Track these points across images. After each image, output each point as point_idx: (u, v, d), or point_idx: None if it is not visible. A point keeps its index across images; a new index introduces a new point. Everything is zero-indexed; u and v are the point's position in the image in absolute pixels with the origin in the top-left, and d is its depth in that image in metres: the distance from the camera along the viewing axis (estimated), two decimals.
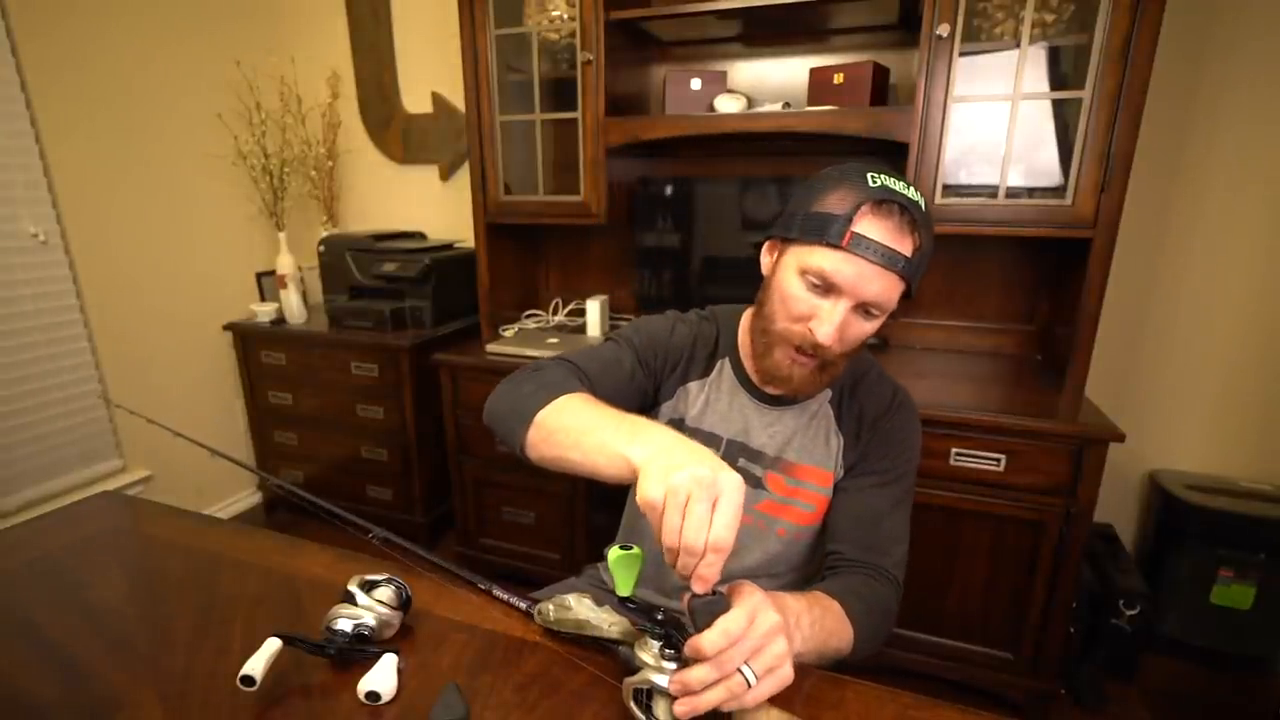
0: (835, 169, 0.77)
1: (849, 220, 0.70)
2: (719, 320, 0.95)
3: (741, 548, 0.89)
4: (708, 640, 0.51)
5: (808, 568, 0.92)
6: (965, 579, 1.54)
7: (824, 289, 0.74)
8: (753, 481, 0.89)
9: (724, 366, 0.92)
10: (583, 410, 0.70)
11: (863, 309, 0.74)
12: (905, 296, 0.77)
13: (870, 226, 0.70)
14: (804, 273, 0.75)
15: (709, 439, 0.91)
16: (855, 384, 0.90)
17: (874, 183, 0.71)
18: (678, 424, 0.93)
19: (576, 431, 0.68)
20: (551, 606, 0.71)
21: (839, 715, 0.61)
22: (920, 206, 0.72)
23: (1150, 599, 1.59)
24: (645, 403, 0.94)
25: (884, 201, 0.70)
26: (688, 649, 0.53)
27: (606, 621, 0.66)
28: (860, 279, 0.71)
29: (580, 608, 0.69)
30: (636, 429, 0.63)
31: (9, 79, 1.78)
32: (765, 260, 0.84)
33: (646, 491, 0.55)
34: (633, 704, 0.57)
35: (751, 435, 0.89)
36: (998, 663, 1.55)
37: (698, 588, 0.54)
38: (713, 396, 0.92)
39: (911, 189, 0.73)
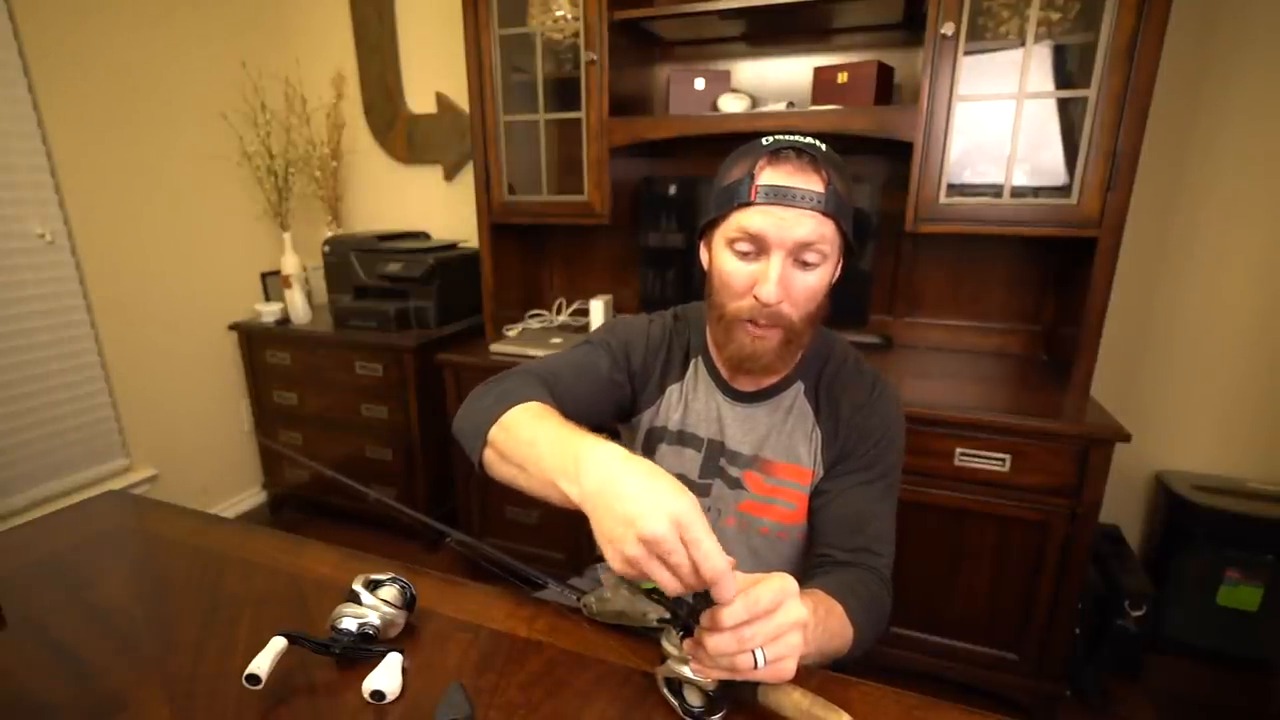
0: (737, 149, 0.80)
1: (752, 177, 0.74)
2: (689, 320, 0.96)
3: (730, 553, 0.88)
4: (726, 612, 0.51)
5: (794, 568, 0.90)
6: (970, 580, 1.53)
7: (755, 252, 0.76)
8: (731, 482, 0.89)
9: (697, 365, 0.93)
10: (532, 429, 0.68)
11: (799, 260, 0.75)
12: (849, 249, 0.80)
13: (773, 175, 0.74)
14: (731, 243, 0.77)
15: (691, 440, 0.91)
16: (833, 376, 0.89)
17: (767, 141, 0.76)
18: (660, 432, 0.93)
19: (524, 455, 0.66)
20: (594, 598, 0.73)
21: None
22: (819, 148, 0.75)
23: (1156, 600, 1.59)
24: (623, 405, 0.94)
25: (779, 150, 0.74)
26: (705, 620, 0.53)
27: (642, 611, 0.68)
28: (781, 226, 0.73)
29: (617, 598, 0.71)
30: (578, 457, 0.59)
31: (16, 80, 1.79)
32: (704, 256, 0.86)
33: (613, 564, 0.53)
34: (666, 691, 0.61)
35: (728, 434, 0.89)
36: (1003, 664, 1.55)
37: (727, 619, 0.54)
38: (690, 397, 0.92)
39: (809, 138, 0.76)
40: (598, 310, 1.99)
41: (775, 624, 0.52)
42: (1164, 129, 1.62)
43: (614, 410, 0.94)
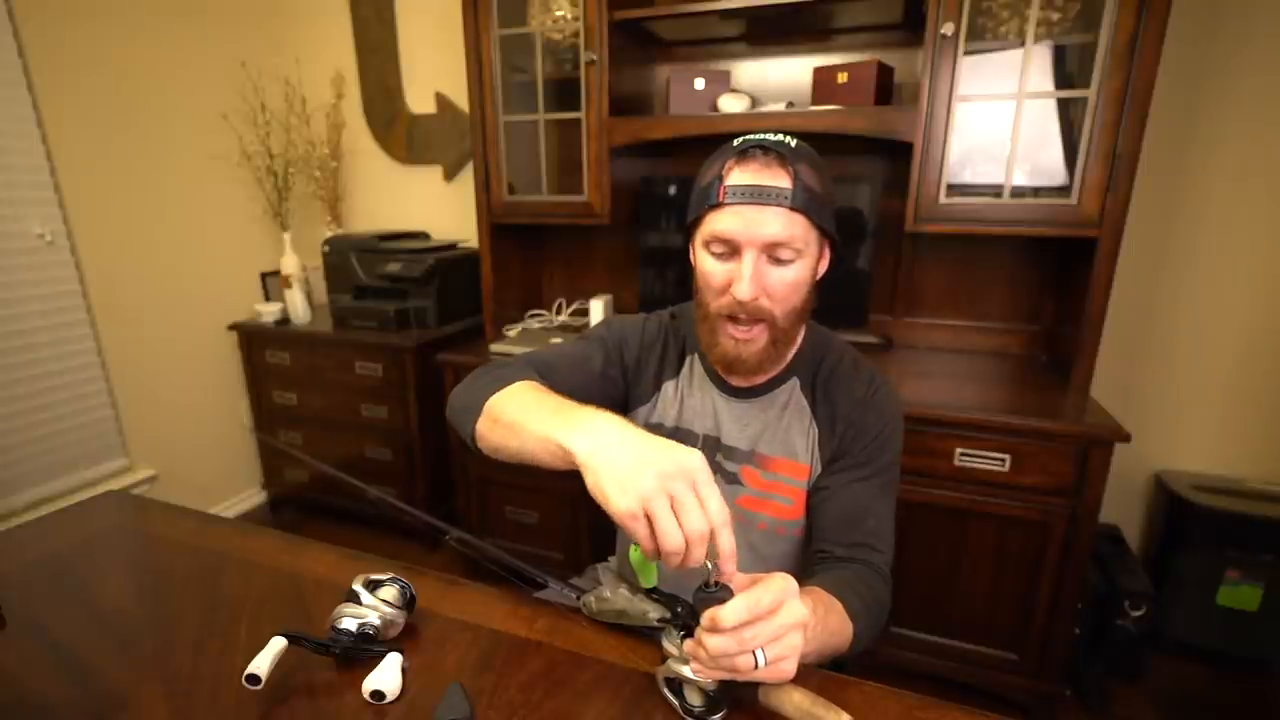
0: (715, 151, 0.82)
1: (720, 179, 0.76)
2: (686, 318, 0.96)
3: None
4: (727, 613, 0.51)
5: (793, 564, 0.91)
6: (970, 580, 1.53)
7: (729, 252, 0.77)
8: (728, 477, 0.90)
9: (693, 362, 0.94)
10: (529, 398, 0.71)
11: (773, 256, 0.76)
12: (834, 243, 0.81)
13: (740, 175, 0.75)
14: (707, 244, 0.79)
15: (687, 436, 0.92)
16: (830, 372, 0.89)
17: (738, 142, 0.77)
18: (656, 429, 0.93)
19: (519, 418, 0.68)
20: (593, 598, 0.74)
21: None
22: (787, 144, 0.76)
23: (1156, 600, 1.59)
24: (615, 402, 0.94)
25: (746, 150, 0.76)
26: (705, 621, 0.53)
27: (642, 610, 0.69)
28: (750, 225, 0.74)
29: (618, 598, 0.71)
30: (578, 418, 0.62)
31: (16, 80, 1.79)
32: (692, 256, 0.87)
33: (619, 504, 0.53)
34: (666, 691, 0.61)
35: (724, 430, 0.90)
36: (1003, 664, 1.55)
37: (729, 566, 0.55)
38: (686, 393, 0.93)
39: (782, 135, 0.78)
40: (597, 310, 2.00)
41: (776, 624, 0.52)
42: (1164, 129, 1.62)
43: (606, 406, 0.93)
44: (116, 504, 1.04)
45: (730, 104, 1.74)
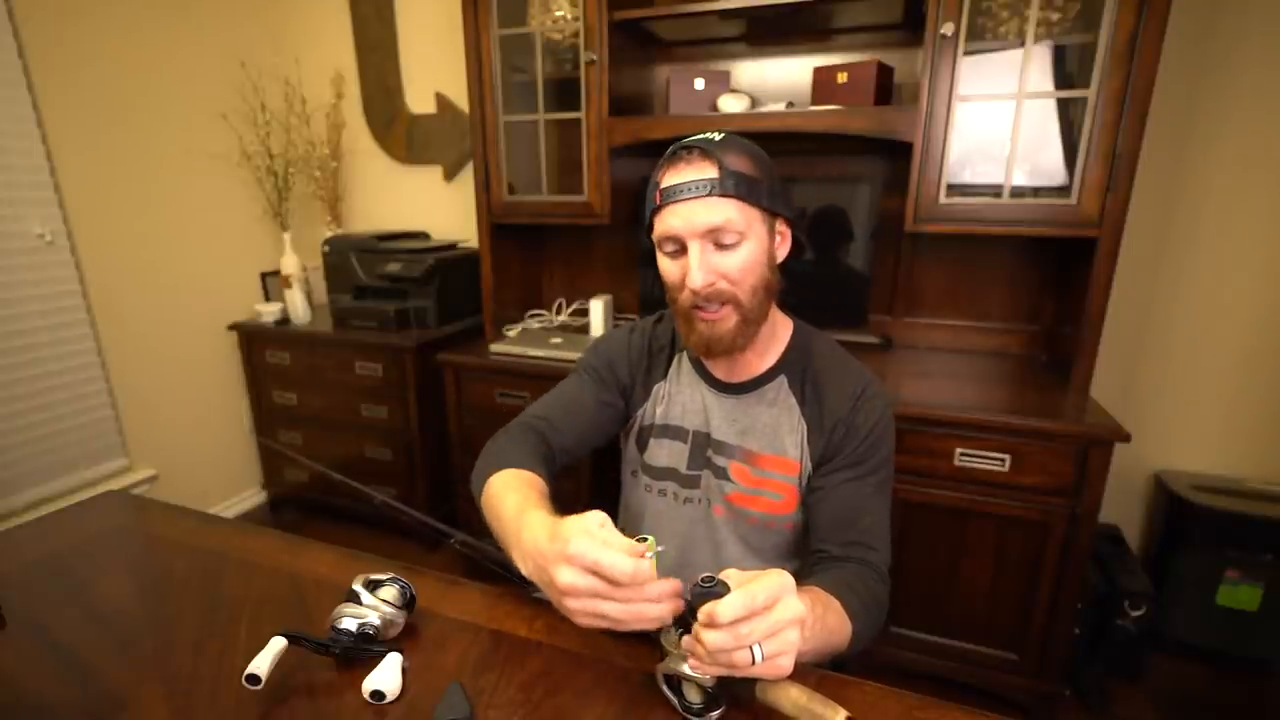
0: None
1: (657, 184, 0.81)
2: (672, 319, 0.98)
3: (721, 541, 0.93)
4: (723, 608, 0.51)
5: (785, 555, 0.93)
6: (970, 580, 1.53)
7: (679, 248, 0.81)
8: (718, 472, 0.92)
9: (682, 360, 0.97)
10: (497, 506, 0.74)
11: (718, 243, 0.79)
12: (789, 221, 0.85)
13: (672, 176, 0.80)
14: (660, 246, 0.84)
15: (677, 433, 0.95)
16: (819, 370, 0.90)
17: (671, 150, 0.82)
18: (649, 428, 0.97)
19: (494, 529, 0.74)
20: None
21: None
22: (713, 139, 0.81)
23: (1156, 600, 1.59)
24: (619, 419, 0.99)
25: (676, 153, 0.81)
26: (702, 616, 0.53)
27: None
28: (688, 218, 0.78)
29: None
30: (516, 542, 0.66)
31: (16, 80, 1.79)
32: None
33: (573, 620, 0.59)
34: (665, 688, 0.61)
35: (713, 426, 0.92)
36: (1003, 664, 1.55)
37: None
38: (674, 391, 0.96)
39: (710, 134, 0.82)
40: (597, 310, 1.99)
41: (772, 620, 0.52)
42: (1164, 129, 1.62)
43: (614, 426, 0.99)
44: (116, 504, 1.04)
45: (730, 104, 1.74)
